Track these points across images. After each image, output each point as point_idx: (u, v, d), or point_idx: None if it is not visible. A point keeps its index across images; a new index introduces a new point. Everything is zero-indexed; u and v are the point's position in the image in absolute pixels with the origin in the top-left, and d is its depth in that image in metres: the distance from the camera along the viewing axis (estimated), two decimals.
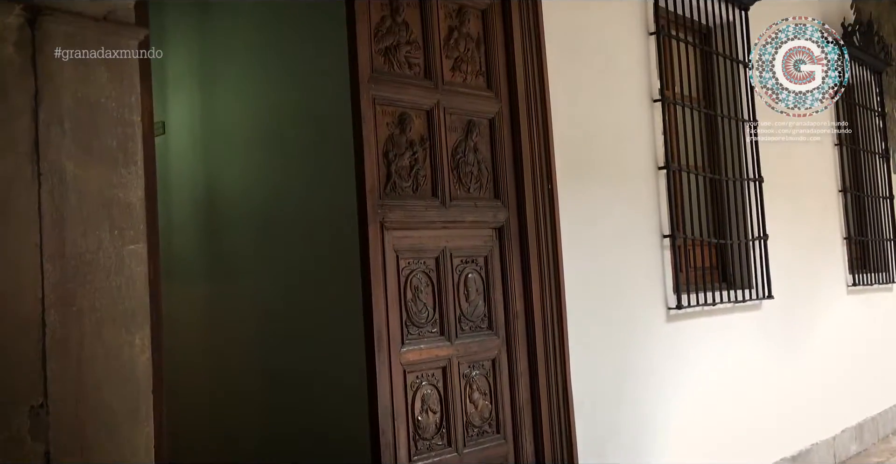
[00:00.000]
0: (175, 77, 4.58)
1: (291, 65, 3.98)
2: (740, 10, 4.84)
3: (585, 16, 3.76)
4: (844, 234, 6.06)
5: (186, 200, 4.53)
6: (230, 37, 4.36)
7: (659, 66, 4.17)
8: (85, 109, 1.76)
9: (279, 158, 4.04)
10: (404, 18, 3.02)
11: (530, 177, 3.35)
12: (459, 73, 3.21)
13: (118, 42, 1.87)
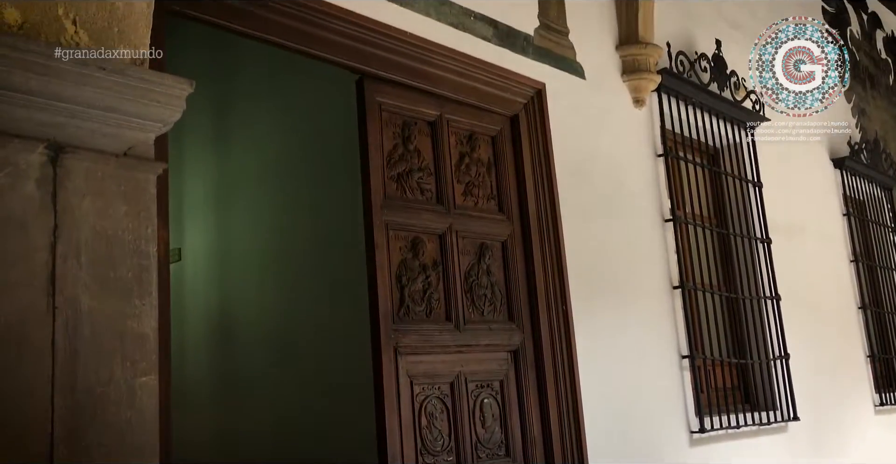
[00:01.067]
0: (191, 203, 4.69)
1: (304, 191, 4.08)
2: (746, 131, 4.95)
3: (594, 139, 3.85)
4: (868, 351, 5.93)
5: (200, 324, 4.55)
6: (245, 166, 4.49)
7: (669, 186, 4.23)
8: (102, 242, 1.79)
9: (293, 281, 4.08)
10: (416, 145, 3.10)
11: (544, 298, 3.34)
12: (471, 197, 3.26)
13: (137, 176, 1.92)
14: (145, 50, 2.06)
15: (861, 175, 6.41)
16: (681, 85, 4.36)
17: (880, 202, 6.80)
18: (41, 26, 1.82)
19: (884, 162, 6.94)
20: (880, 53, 7.82)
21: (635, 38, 4.11)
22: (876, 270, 6.35)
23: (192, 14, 2.45)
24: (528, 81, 3.49)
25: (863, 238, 6.35)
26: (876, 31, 7.81)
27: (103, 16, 1.99)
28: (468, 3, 3.30)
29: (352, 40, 2.84)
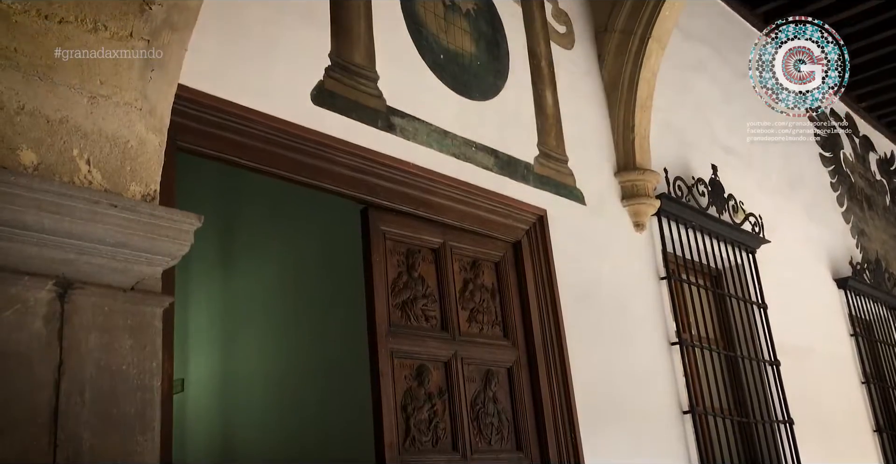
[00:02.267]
0: (196, 331, 4.69)
1: (309, 318, 4.09)
2: (747, 253, 4.99)
3: (596, 263, 3.88)
4: None
5: (202, 450, 4.45)
6: (250, 293, 4.53)
7: (673, 309, 4.23)
8: (106, 378, 1.78)
9: (297, 406, 4.02)
10: (420, 273, 3.13)
11: (552, 425, 3.28)
12: (476, 323, 3.26)
13: (143, 311, 1.93)
14: (156, 186, 2.12)
15: (865, 295, 6.41)
16: (680, 209, 4.44)
17: (887, 322, 6.75)
18: (56, 167, 1.88)
19: (887, 282, 6.96)
20: (875, 175, 7.99)
21: (633, 164, 4.23)
22: (889, 392, 6.24)
23: (202, 150, 2.54)
24: (529, 208, 3.56)
25: (872, 359, 6.27)
26: (869, 153, 8.01)
27: (116, 155, 2.06)
28: (469, 134, 3.42)
29: (357, 172, 2.92)
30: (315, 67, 2.89)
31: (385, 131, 3.05)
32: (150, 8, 2.14)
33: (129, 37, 2.11)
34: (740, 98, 5.87)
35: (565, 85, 4.12)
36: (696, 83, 5.36)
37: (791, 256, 5.61)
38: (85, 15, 2.01)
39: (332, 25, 3.00)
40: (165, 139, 2.17)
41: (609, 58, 4.45)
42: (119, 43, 2.09)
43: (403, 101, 3.16)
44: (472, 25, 3.67)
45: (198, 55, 2.43)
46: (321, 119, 2.82)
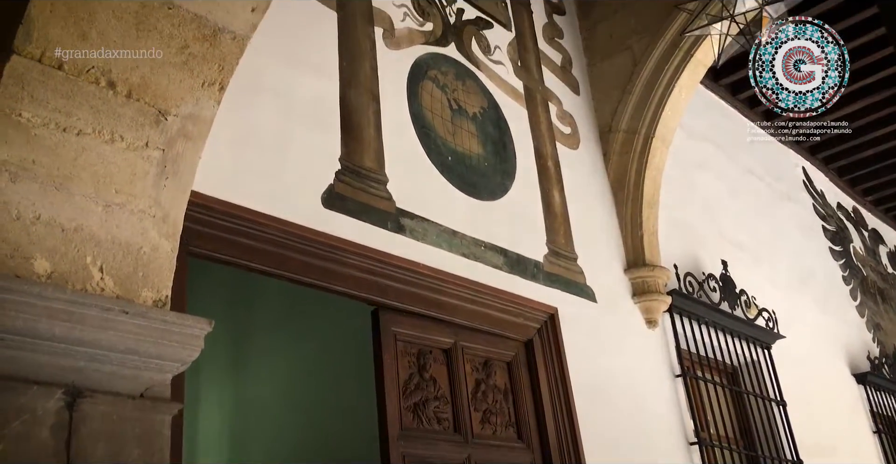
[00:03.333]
0: (206, 436, 4.62)
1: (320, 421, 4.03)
2: (763, 349, 4.93)
3: (610, 361, 3.83)
4: None
5: None
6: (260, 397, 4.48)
7: (690, 407, 4.14)
8: None
9: None
10: (432, 374, 3.09)
11: None
12: (489, 425, 3.20)
13: (152, 418, 1.91)
14: (167, 292, 2.13)
15: (886, 390, 6.28)
16: (692, 305, 4.42)
17: None
18: (69, 275, 1.90)
19: None
20: (886, 268, 7.96)
21: (642, 261, 4.24)
22: None
23: (214, 255, 2.56)
24: (540, 306, 3.55)
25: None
26: (879, 246, 8.00)
27: (129, 262, 2.08)
28: (479, 234, 3.44)
29: (367, 274, 2.93)
30: (326, 171, 2.94)
31: (395, 233, 3.08)
32: (165, 118, 2.21)
33: (145, 146, 2.17)
34: (746, 194, 5.94)
35: (572, 184, 4.18)
36: (702, 180, 5.43)
37: (808, 351, 5.53)
38: (102, 126, 2.08)
39: (343, 130, 3.07)
40: (178, 245, 2.20)
41: (614, 157, 4.53)
42: (135, 153, 2.14)
43: (413, 202, 3.21)
44: (478, 128, 3.76)
45: (210, 162, 2.48)
46: (332, 222, 2.86)
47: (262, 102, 2.83)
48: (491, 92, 3.95)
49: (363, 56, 3.32)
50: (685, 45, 4.51)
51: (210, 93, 2.30)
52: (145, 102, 2.16)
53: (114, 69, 2.08)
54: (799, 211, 6.69)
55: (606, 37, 4.84)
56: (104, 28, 2.05)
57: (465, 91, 3.79)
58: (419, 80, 3.56)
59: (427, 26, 3.75)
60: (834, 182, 7.61)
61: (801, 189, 6.91)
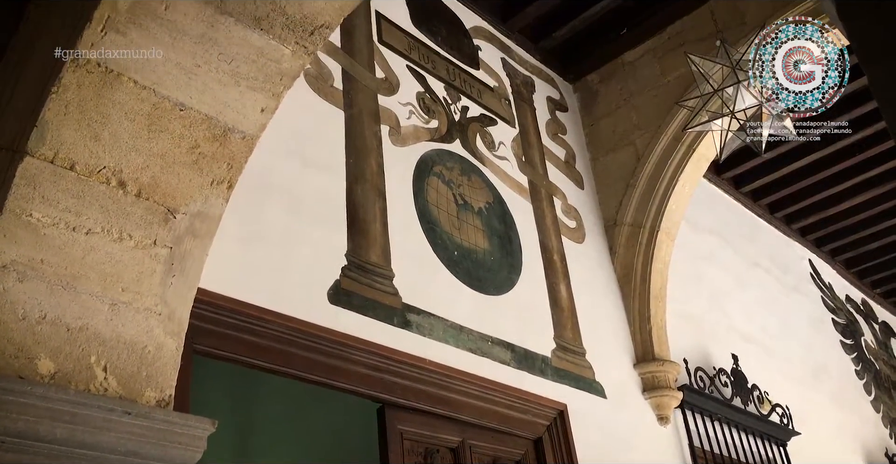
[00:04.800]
0: None
1: None
2: (778, 446, 4.81)
3: (622, 460, 3.73)
4: None
5: None
6: None
7: None
8: None
9: None
10: None
11: None
12: None
13: None
14: (171, 391, 2.11)
15: None
16: (703, 401, 4.33)
17: None
18: (73, 374, 1.88)
19: None
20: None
21: (652, 355, 4.18)
22: None
23: (218, 353, 2.54)
24: (549, 403, 3.49)
25: None
26: (890, 339, 7.91)
27: (133, 361, 2.06)
28: (485, 329, 3.42)
29: (373, 370, 2.89)
30: (332, 267, 2.95)
31: (401, 328, 3.05)
32: (174, 217, 2.23)
33: (153, 245, 2.18)
34: (753, 286, 5.91)
35: (578, 277, 4.17)
36: (709, 273, 5.42)
37: (824, 448, 5.39)
38: (111, 225, 2.10)
39: (349, 226, 3.09)
40: (183, 343, 2.18)
41: (620, 250, 4.54)
42: (142, 251, 2.16)
43: (419, 297, 3.20)
44: (484, 222, 3.78)
45: (216, 258, 2.49)
46: (337, 318, 2.84)
47: (270, 200, 2.86)
48: (496, 187, 4.00)
49: (370, 153, 3.37)
50: (687, 139, 4.58)
51: (219, 191, 2.33)
52: (154, 201, 2.18)
53: (125, 169, 2.11)
54: (807, 304, 6.65)
55: (609, 132, 4.93)
56: (116, 129, 2.10)
57: (470, 186, 3.83)
58: (425, 176, 3.61)
59: (432, 123, 3.83)
60: (842, 274, 7.59)
61: (808, 281, 6.89)
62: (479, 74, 4.38)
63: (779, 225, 6.82)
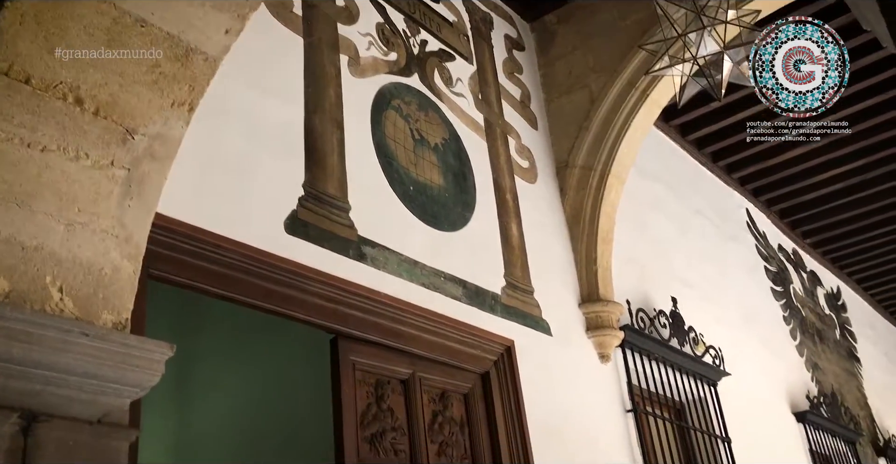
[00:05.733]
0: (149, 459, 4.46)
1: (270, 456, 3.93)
2: (709, 386, 4.99)
3: (564, 395, 3.83)
4: None
5: None
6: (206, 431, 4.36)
7: (640, 442, 4.16)
8: None
9: None
10: (389, 405, 3.05)
11: None
12: (445, 457, 3.16)
13: (109, 445, 1.85)
14: (128, 314, 2.08)
15: (824, 429, 6.41)
16: (643, 341, 4.46)
17: (846, 457, 6.73)
18: (27, 294, 1.84)
19: (844, 415, 6.98)
20: (824, 309, 8.17)
21: (597, 296, 4.27)
22: None
23: (174, 278, 2.50)
24: (497, 339, 3.55)
25: None
26: (817, 288, 8.22)
27: (90, 283, 2.02)
28: (439, 265, 3.44)
29: (328, 301, 2.90)
30: (289, 197, 2.91)
31: (356, 261, 3.05)
32: (132, 137, 2.16)
33: (110, 165, 2.12)
34: (695, 234, 6.05)
35: (530, 217, 4.21)
36: (653, 219, 5.52)
37: (751, 389, 5.63)
38: (68, 143, 2.03)
39: (307, 157, 3.05)
40: (140, 267, 2.14)
41: (570, 192, 4.58)
42: (99, 172, 2.09)
43: (374, 231, 3.19)
44: (440, 158, 3.77)
45: (174, 184, 2.44)
46: (294, 248, 2.82)
47: (228, 126, 2.80)
48: (452, 123, 3.97)
49: (328, 83, 3.31)
50: (641, 84, 4.61)
51: (179, 113, 2.26)
52: (113, 120, 2.11)
53: (82, 85, 2.03)
54: (743, 252, 6.85)
55: (565, 74, 4.93)
56: (74, 43, 2.01)
57: (427, 122, 3.80)
58: (383, 109, 3.56)
59: (391, 56, 3.77)
60: (776, 224, 7.82)
61: (745, 230, 7.08)
62: (438, 8, 4.31)
63: (720, 174, 6.96)
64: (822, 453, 6.34)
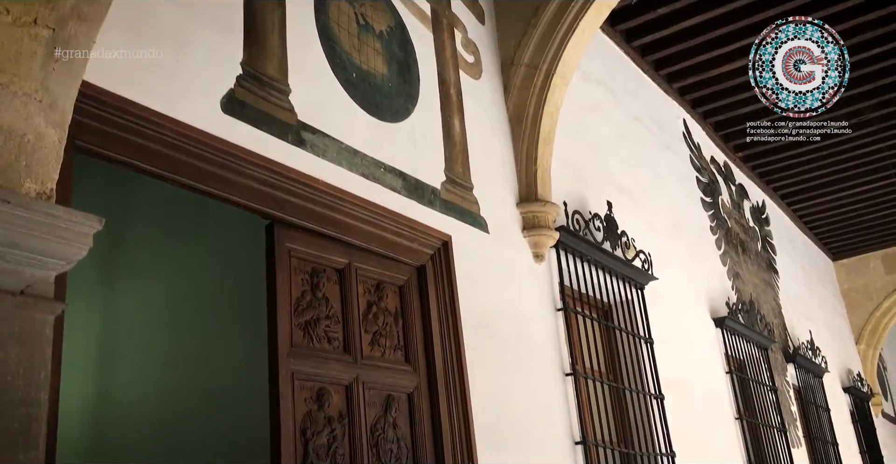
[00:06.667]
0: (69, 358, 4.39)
1: (198, 342, 3.90)
2: (637, 289, 5.11)
3: (498, 292, 3.87)
4: None
5: None
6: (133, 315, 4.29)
7: (568, 341, 4.26)
8: None
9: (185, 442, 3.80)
10: (324, 293, 3.03)
11: (451, 454, 3.22)
12: (378, 347, 3.18)
13: (33, 317, 1.78)
14: (52, 184, 1.97)
15: (740, 335, 6.68)
16: (577, 242, 4.51)
17: (758, 361, 7.05)
18: None
19: (759, 323, 7.28)
20: (748, 222, 8.40)
21: (535, 196, 4.27)
22: (758, 429, 6.48)
23: (102, 151, 2.38)
24: (435, 233, 3.53)
25: (744, 396, 6.52)
26: (744, 200, 8.42)
27: (11, 149, 1.90)
28: (379, 155, 3.37)
29: (265, 186, 2.81)
30: (226, 75, 2.78)
31: (295, 146, 2.96)
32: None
33: (33, 23, 1.97)
34: (632, 140, 6.08)
35: (472, 113, 4.14)
36: (593, 123, 5.51)
37: (675, 294, 5.79)
38: None
39: (246, 34, 2.90)
40: (66, 136, 2.03)
41: (514, 90, 4.51)
42: (21, 30, 1.95)
43: (315, 116, 3.09)
44: (384, 47, 3.64)
45: (105, 52, 2.29)
46: (231, 128, 2.71)
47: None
48: (399, 11, 3.83)
49: None
50: None
51: None
52: None
53: None
54: (677, 161, 6.92)
55: None
56: None
57: (372, 7, 3.65)
58: None
59: None
60: (710, 136, 7.90)
61: (680, 140, 7.14)
62: None
63: (661, 83, 6.95)
64: (737, 358, 6.63)
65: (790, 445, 6.98)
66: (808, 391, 8.23)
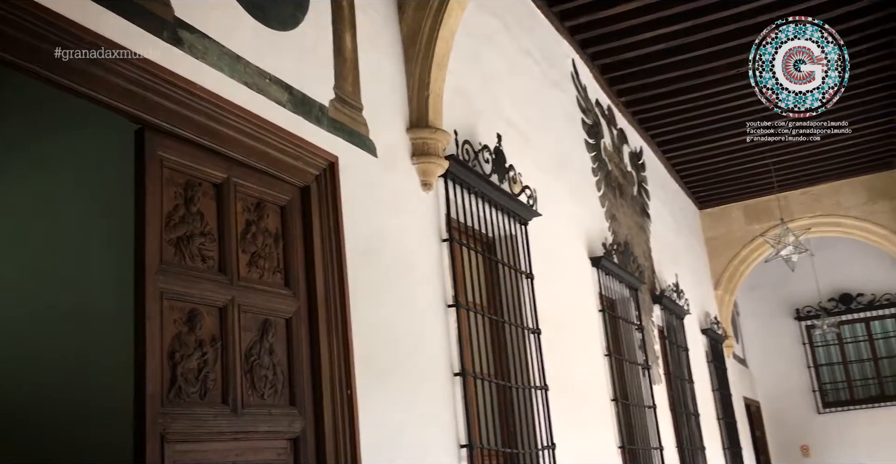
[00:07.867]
0: None
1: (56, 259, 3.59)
2: (520, 224, 5.09)
3: (384, 219, 3.74)
4: (619, 442, 6.17)
5: None
6: None
7: (452, 272, 4.19)
8: None
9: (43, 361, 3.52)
10: (199, 208, 2.80)
11: (329, 382, 3.10)
12: (256, 269, 2.99)
13: None
14: None
15: (613, 275, 6.83)
16: (466, 173, 4.41)
17: (628, 301, 7.26)
18: None
19: (631, 264, 7.47)
20: (627, 166, 8.55)
21: (426, 122, 4.12)
22: (623, 365, 6.70)
23: None
24: (321, 153, 3.34)
25: (614, 334, 6.70)
26: (623, 145, 8.55)
27: None
28: (264, 65, 3.13)
29: (135, 85, 2.54)
30: None
31: (171, 45, 2.68)
32: None
33: None
34: (522, 76, 6.00)
35: (365, 31, 3.92)
36: (486, 54, 5.37)
37: (556, 231, 5.82)
38: None
39: None
40: None
41: (409, 11, 4.30)
42: None
43: (194, 14, 2.81)
44: None
45: None
46: (98, 18, 2.42)
47: None
48: None
49: None
50: None
51: None
52: None
53: None
54: (564, 101, 6.91)
55: None
56: None
57: None
58: None
59: None
60: (596, 79, 7.93)
61: (568, 80, 7.12)
62: None
63: (553, 20, 6.88)
64: (609, 297, 6.79)
65: (652, 381, 7.26)
66: (671, 332, 8.58)
